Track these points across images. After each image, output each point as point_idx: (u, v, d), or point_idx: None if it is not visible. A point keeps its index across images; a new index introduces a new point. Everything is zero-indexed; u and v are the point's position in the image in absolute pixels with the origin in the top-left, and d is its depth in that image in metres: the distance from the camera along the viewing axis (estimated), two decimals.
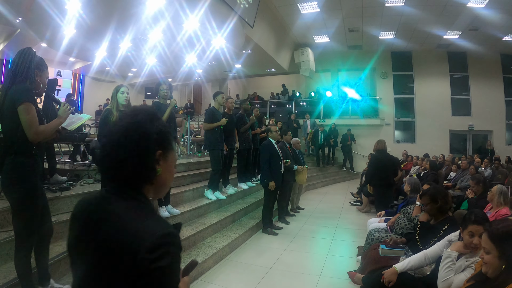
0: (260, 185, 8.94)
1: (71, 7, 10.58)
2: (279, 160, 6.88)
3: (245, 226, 6.81)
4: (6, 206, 3.87)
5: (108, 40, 13.26)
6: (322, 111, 18.79)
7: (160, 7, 9.99)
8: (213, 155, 7.05)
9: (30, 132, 2.75)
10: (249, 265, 5.36)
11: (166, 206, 5.75)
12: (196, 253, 5.23)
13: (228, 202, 7.52)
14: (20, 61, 2.87)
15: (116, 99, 4.64)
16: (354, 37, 16.67)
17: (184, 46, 13.42)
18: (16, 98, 2.74)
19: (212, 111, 7.14)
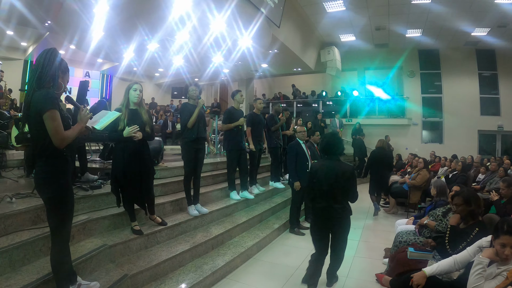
0: (288, 185, 8.96)
1: (99, 10, 10.72)
2: (307, 160, 6.82)
3: (272, 225, 6.85)
4: (39, 204, 4.01)
5: (136, 41, 13.39)
6: (349, 111, 18.68)
7: (187, 8, 10.05)
8: (229, 156, 7.08)
9: (56, 138, 2.79)
10: (276, 265, 5.39)
11: (195, 205, 5.83)
12: (224, 252, 5.30)
13: (255, 202, 7.55)
14: (46, 62, 2.87)
15: (128, 96, 4.63)
16: (380, 35, 16.45)
17: (211, 46, 13.48)
18: (41, 105, 2.76)
19: (230, 111, 7.13)
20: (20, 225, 3.81)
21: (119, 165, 4.50)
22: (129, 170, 4.48)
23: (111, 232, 4.54)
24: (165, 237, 4.99)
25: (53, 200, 2.90)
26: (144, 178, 4.65)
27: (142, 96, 4.75)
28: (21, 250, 3.43)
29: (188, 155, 5.65)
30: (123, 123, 4.41)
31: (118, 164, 4.52)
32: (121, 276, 3.74)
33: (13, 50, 17.63)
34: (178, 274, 4.43)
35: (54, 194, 2.89)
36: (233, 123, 6.93)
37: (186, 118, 5.62)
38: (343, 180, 4.15)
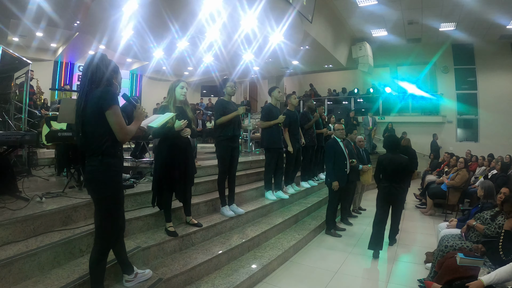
0: (322, 184, 8.71)
1: (128, 9, 10.68)
2: (345, 159, 6.61)
3: (308, 226, 6.63)
4: (69, 204, 3.99)
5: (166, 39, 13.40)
6: (381, 108, 18.22)
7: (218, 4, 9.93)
8: (268, 154, 6.87)
9: (121, 133, 2.88)
10: (314, 268, 5.16)
11: (231, 205, 5.67)
12: (260, 254, 5.11)
13: (290, 202, 7.37)
14: (99, 65, 2.96)
15: (174, 94, 4.58)
16: (413, 29, 15.89)
17: (242, 43, 13.41)
18: (103, 102, 2.82)
19: (269, 108, 6.93)
20: (50, 226, 3.73)
21: (166, 162, 4.44)
22: (176, 167, 4.45)
23: (145, 233, 4.42)
24: (200, 238, 4.84)
25: (105, 200, 2.96)
26: (189, 176, 4.65)
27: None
28: (51, 253, 3.34)
29: (223, 153, 5.48)
30: (172, 121, 4.33)
31: (164, 161, 4.45)
32: (155, 280, 3.59)
33: (43, 51, 17.88)
34: (213, 278, 4.24)
35: (107, 194, 2.94)
36: (273, 121, 6.73)
37: (218, 115, 5.46)
38: (400, 168, 5.70)
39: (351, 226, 7.36)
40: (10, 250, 3.15)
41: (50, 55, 18.77)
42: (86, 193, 4.52)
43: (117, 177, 3.01)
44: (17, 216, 3.50)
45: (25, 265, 3.10)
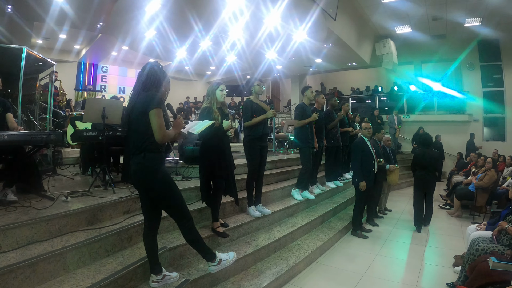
0: (347, 184, 8.57)
1: (151, 9, 10.72)
2: (372, 159, 6.48)
3: (334, 227, 6.52)
4: (95, 204, 4.00)
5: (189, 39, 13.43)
6: (406, 106, 17.84)
7: (241, 3, 9.88)
8: (304, 152, 6.80)
9: (159, 134, 3.03)
10: (341, 271, 5.05)
11: (257, 205, 5.61)
12: (287, 255, 5.02)
13: (316, 202, 7.28)
14: (151, 73, 3.23)
15: (215, 96, 4.65)
16: (437, 25, 15.54)
17: (265, 41, 13.37)
18: (148, 103, 3.05)
19: (302, 107, 6.86)
20: (75, 226, 3.72)
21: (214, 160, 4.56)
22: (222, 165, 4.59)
23: (171, 233, 4.38)
24: (227, 239, 4.76)
25: (162, 191, 3.16)
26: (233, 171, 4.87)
27: None
28: (76, 252, 3.31)
29: (252, 153, 5.42)
30: (218, 121, 4.53)
31: (213, 160, 4.57)
32: (182, 281, 3.53)
33: (66, 53, 18.21)
34: (240, 279, 4.17)
35: (160, 185, 3.14)
36: (307, 119, 6.71)
37: (247, 116, 5.42)
38: (433, 160, 7.23)
39: (377, 227, 7.23)
40: (35, 250, 3.13)
41: (73, 57, 19.08)
42: (111, 193, 4.56)
43: (163, 168, 3.20)
44: (42, 216, 3.49)
45: (50, 264, 3.06)
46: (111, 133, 5.37)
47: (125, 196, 4.46)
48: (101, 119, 5.13)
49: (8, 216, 3.50)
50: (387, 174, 7.61)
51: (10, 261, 2.88)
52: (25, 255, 3.01)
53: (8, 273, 2.77)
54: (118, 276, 3.18)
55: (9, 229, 3.18)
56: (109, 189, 4.80)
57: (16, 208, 3.81)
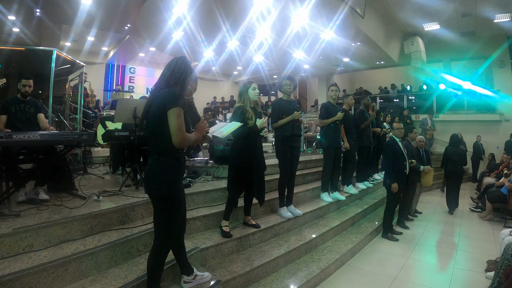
0: (377, 185, 8.46)
1: (179, 10, 10.76)
2: (404, 160, 6.33)
3: (365, 229, 6.40)
4: (127, 203, 4.02)
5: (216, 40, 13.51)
6: (435, 106, 17.49)
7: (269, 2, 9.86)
8: (326, 153, 6.70)
9: (178, 136, 2.75)
10: (372, 274, 4.93)
11: (288, 206, 5.54)
12: (318, 257, 4.92)
13: (346, 203, 7.17)
14: (177, 68, 2.95)
15: (248, 95, 4.59)
16: (466, 22, 15.07)
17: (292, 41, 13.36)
18: (167, 101, 2.78)
19: (326, 106, 6.74)
20: (107, 225, 3.73)
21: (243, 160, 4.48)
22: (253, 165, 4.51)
23: (202, 234, 4.37)
24: (258, 240, 4.72)
25: (161, 199, 2.88)
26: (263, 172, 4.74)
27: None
28: (108, 252, 3.32)
29: (284, 153, 5.36)
30: (252, 121, 4.48)
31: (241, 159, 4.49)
32: (214, 282, 3.49)
33: (94, 54, 18.51)
34: (271, 281, 4.10)
35: (161, 194, 2.85)
36: (331, 118, 6.56)
37: (275, 116, 5.40)
38: (462, 156, 9.05)
39: (408, 230, 7.04)
40: (67, 249, 3.14)
41: (101, 58, 19.42)
42: (143, 192, 4.59)
43: (173, 177, 2.88)
44: (75, 215, 3.50)
45: (83, 264, 3.07)
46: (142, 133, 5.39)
47: None
48: (133, 119, 5.17)
49: (40, 215, 3.53)
50: (421, 176, 7.43)
51: (42, 260, 2.90)
52: (58, 254, 3.02)
53: (40, 272, 2.78)
54: None
55: (41, 228, 3.20)
56: (140, 189, 4.82)
57: (48, 207, 3.85)
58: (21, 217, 3.43)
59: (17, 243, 3.04)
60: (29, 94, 4.78)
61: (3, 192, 3.90)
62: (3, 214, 3.43)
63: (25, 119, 4.75)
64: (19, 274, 2.66)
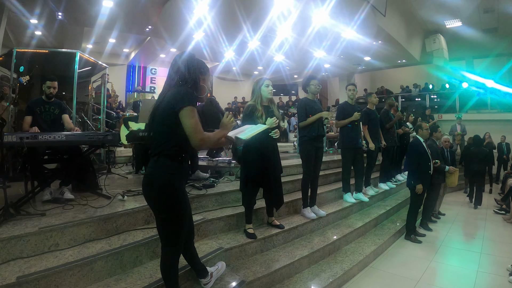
0: (399, 186, 8.42)
1: (200, 11, 10.81)
2: (428, 160, 6.23)
3: (388, 231, 6.31)
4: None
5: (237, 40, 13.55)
6: (458, 105, 17.20)
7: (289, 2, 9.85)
8: (344, 154, 6.60)
9: (196, 138, 2.53)
10: (395, 276, 4.86)
11: (312, 207, 5.49)
12: (341, 259, 4.86)
13: (369, 204, 7.09)
14: (183, 66, 2.74)
15: (260, 93, 4.45)
16: (489, 18, 14.68)
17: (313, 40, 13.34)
18: (177, 101, 2.56)
19: (342, 107, 6.67)
20: (132, 225, 3.75)
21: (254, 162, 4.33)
22: (265, 168, 4.33)
23: (226, 234, 4.35)
24: (281, 240, 4.69)
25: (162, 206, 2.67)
26: (277, 175, 4.57)
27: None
28: (133, 251, 3.33)
29: (308, 153, 5.28)
30: (262, 120, 4.26)
31: (252, 161, 4.34)
32: (238, 283, 3.48)
33: (115, 56, 18.74)
34: (294, 282, 4.06)
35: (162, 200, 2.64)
36: (347, 119, 6.44)
37: (302, 115, 5.30)
38: (484, 154, 9.82)
39: (431, 232, 6.92)
40: (92, 248, 3.17)
41: (122, 60, 19.70)
42: None
43: (175, 181, 2.65)
44: (100, 214, 3.54)
45: (108, 263, 3.09)
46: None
47: None
48: None
49: (65, 214, 3.58)
50: (446, 176, 7.32)
51: (68, 259, 2.93)
52: (83, 253, 3.05)
53: (66, 271, 2.80)
54: None
55: (67, 227, 3.24)
56: None
57: (73, 206, 3.90)
58: (47, 216, 3.48)
59: (42, 242, 3.08)
60: (53, 95, 4.85)
61: (29, 192, 3.96)
62: (29, 213, 3.48)
63: (50, 120, 4.81)
64: (44, 272, 2.69)
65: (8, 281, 2.53)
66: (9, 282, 2.51)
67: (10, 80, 6.84)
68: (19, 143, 3.48)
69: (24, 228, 3.10)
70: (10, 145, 3.49)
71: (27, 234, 3.00)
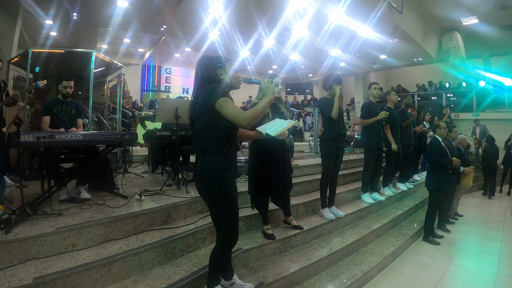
0: (417, 187, 8.37)
1: (215, 10, 10.80)
2: (449, 159, 6.10)
3: (406, 232, 6.21)
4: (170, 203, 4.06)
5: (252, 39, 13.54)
6: (475, 103, 16.90)
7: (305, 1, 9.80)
8: (368, 153, 6.53)
9: (240, 120, 2.66)
10: (414, 278, 4.77)
11: (330, 207, 5.42)
12: (360, 260, 4.79)
13: (387, 204, 7.00)
14: (204, 68, 2.89)
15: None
16: (506, 15, 14.52)
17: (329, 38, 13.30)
18: (207, 99, 2.73)
19: (368, 105, 6.58)
20: (150, 225, 3.73)
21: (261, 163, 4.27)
22: (272, 168, 4.25)
23: (244, 235, 4.29)
24: (300, 241, 4.63)
25: (211, 200, 2.87)
26: (286, 177, 4.44)
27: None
28: (152, 252, 3.31)
29: (328, 153, 5.22)
30: (269, 119, 4.07)
31: (259, 162, 4.29)
32: (257, 284, 3.44)
33: (130, 56, 18.86)
34: (313, 283, 4.00)
35: (211, 195, 2.86)
36: (373, 118, 6.40)
37: (328, 111, 5.20)
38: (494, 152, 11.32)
39: (449, 233, 6.79)
40: (110, 249, 3.16)
41: (137, 59, 19.83)
42: (184, 192, 4.61)
43: (221, 176, 2.81)
44: (118, 214, 3.52)
45: (126, 264, 3.07)
46: (183, 133, 5.38)
47: (198, 195, 4.37)
48: (174, 119, 5.18)
49: (82, 214, 3.56)
50: (461, 177, 7.19)
51: (86, 260, 2.91)
52: (101, 254, 3.03)
53: (83, 272, 2.79)
54: (195, 277, 3.14)
55: (84, 227, 3.23)
56: (181, 188, 4.81)
57: (90, 206, 3.89)
58: (64, 216, 3.46)
59: (59, 242, 3.07)
60: (70, 95, 4.84)
61: (45, 191, 3.97)
62: (46, 213, 3.47)
63: (67, 119, 4.82)
64: (62, 273, 2.67)
65: (25, 282, 2.51)
66: (26, 283, 2.50)
67: (26, 81, 6.88)
68: (36, 143, 3.49)
69: (41, 228, 3.09)
70: (27, 145, 3.49)
71: (44, 234, 2.98)
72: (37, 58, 6.85)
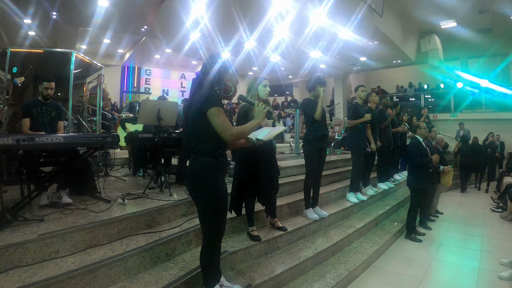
0: (398, 186, 8.42)
1: (196, 11, 10.75)
2: (429, 159, 6.22)
3: (389, 230, 6.31)
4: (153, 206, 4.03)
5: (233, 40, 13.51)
6: (453, 104, 17.32)
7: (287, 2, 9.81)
8: (356, 154, 6.60)
9: (226, 134, 2.72)
10: (398, 275, 4.84)
11: (314, 208, 5.44)
12: (345, 259, 4.84)
13: (369, 204, 7.10)
14: (208, 67, 2.90)
15: (257, 92, 4.34)
16: (483, 19, 14.86)
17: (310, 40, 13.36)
18: (202, 104, 2.74)
19: (355, 107, 6.71)
20: (134, 229, 3.68)
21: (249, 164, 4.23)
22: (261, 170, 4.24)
23: (230, 237, 4.27)
24: (285, 242, 4.64)
25: (200, 199, 2.87)
26: (273, 179, 4.44)
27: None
28: (137, 257, 3.25)
29: (311, 153, 5.25)
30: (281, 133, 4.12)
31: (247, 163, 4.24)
32: (245, 286, 3.43)
33: (110, 57, 18.73)
34: (300, 284, 4.02)
35: (201, 194, 2.85)
36: (360, 119, 6.53)
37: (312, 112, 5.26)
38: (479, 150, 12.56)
39: (430, 230, 6.95)
40: (94, 255, 3.09)
41: (117, 60, 19.68)
42: (167, 195, 4.54)
43: (213, 176, 2.81)
44: (101, 219, 3.45)
45: (112, 270, 3.00)
46: (166, 135, 5.33)
47: (182, 198, 4.39)
48: (157, 120, 5.11)
49: (65, 219, 3.48)
50: (440, 176, 7.30)
51: (70, 267, 2.84)
52: (85, 260, 2.96)
53: (68, 280, 2.71)
54: (182, 281, 3.10)
55: (67, 233, 3.15)
56: (164, 191, 4.76)
57: (72, 211, 3.80)
58: (45, 222, 3.37)
59: (42, 249, 2.98)
60: (50, 96, 4.76)
61: (25, 196, 3.85)
62: (26, 219, 3.35)
63: (47, 121, 4.73)
64: (46, 282, 2.59)
65: None
66: None
67: (3, 81, 6.73)
68: (15, 146, 3.34)
69: (23, 235, 2.99)
70: (6, 148, 3.36)
71: (26, 241, 2.89)
72: (16, 58, 6.70)
